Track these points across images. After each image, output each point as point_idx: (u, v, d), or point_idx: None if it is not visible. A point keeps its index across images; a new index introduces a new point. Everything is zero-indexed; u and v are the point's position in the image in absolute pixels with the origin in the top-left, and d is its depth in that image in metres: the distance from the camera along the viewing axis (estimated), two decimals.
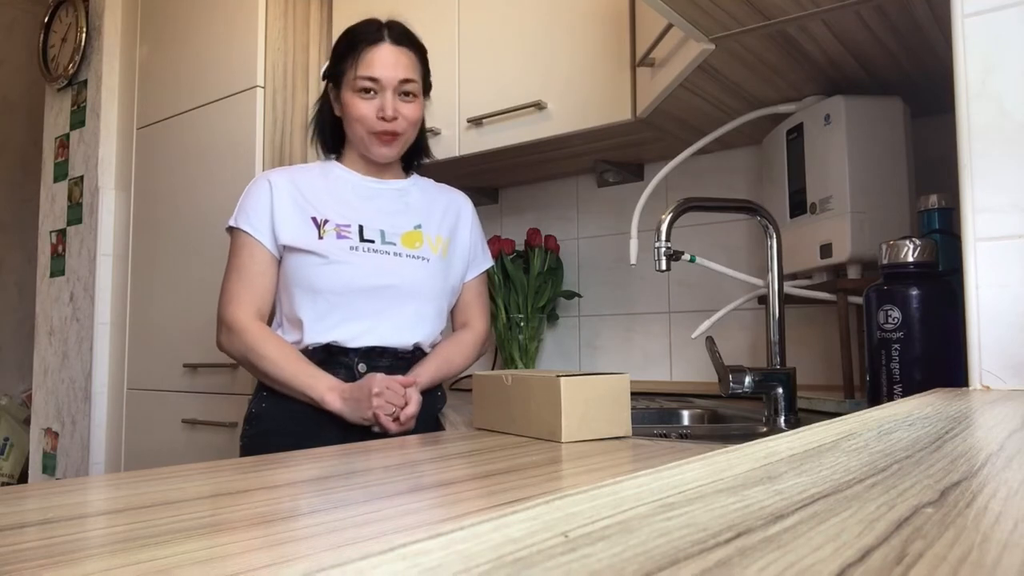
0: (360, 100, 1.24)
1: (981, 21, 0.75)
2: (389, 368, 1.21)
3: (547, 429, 0.91)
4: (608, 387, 0.92)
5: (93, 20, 2.50)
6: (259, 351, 1.18)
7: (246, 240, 1.23)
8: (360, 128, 1.26)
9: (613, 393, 0.92)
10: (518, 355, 1.87)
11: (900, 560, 0.18)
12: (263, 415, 1.22)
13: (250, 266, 1.23)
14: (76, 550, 0.43)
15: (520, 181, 2.08)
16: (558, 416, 0.88)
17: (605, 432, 0.91)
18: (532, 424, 0.93)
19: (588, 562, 0.17)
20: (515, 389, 0.96)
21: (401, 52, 1.26)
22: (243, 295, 1.22)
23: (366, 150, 1.28)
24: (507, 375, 0.98)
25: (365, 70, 1.23)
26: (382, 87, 1.24)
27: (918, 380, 0.84)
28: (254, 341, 1.18)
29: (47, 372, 2.58)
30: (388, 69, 1.24)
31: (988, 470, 0.31)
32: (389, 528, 0.47)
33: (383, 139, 1.26)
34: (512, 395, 0.97)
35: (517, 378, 0.96)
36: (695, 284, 1.77)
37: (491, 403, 1.02)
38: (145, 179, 2.35)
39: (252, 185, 1.28)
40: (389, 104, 1.24)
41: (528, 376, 0.95)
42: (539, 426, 0.92)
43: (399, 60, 1.25)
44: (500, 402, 1.00)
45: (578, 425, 0.89)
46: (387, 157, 1.28)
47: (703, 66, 1.24)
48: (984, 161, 0.74)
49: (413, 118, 1.27)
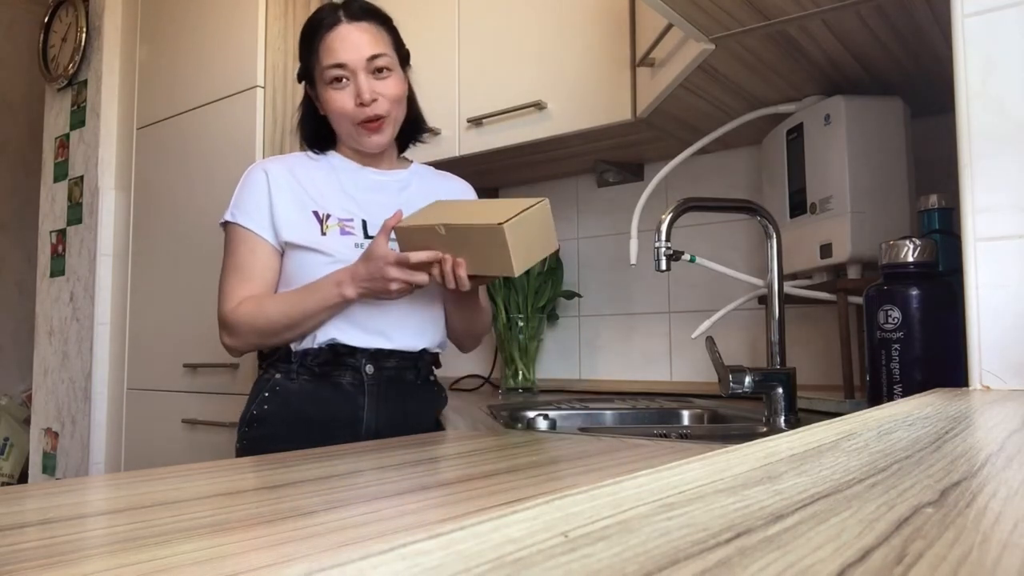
0: (334, 92, 1.17)
1: (981, 21, 0.75)
2: (396, 368, 1.19)
3: (496, 267, 1.03)
4: (537, 217, 1.03)
5: (93, 20, 2.50)
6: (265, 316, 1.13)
7: (245, 235, 1.17)
8: (344, 122, 1.19)
9: (541, 219, 1.04)
10: (518, 355, 1.87)
11: (900, 560, 0.18)
12: (266, 418, 1.16)
13: (250, 262, 1.17)
14: (76, 550, 0.43)
15: (520, 181, 2.08)
16: (507, 257, 1.00)
17: (541, 254, 1.06)
18: (473, 264, 1.05)
19: (588, 562, 0.17)
20: (451, 237, 1.05)
21: (362, 28, 1.18)
22: (241, 291, 1.16)
23: (356, 143, 1.22)
24: (439, 226, 1.05)
25: (329, 58, 1.16)
26: (352, 71, 1.16)
27: (918, 380, 0.84)
28: (250, 316, 1.14)
29: (47, 372, 2.58)
30: (351, 50, 1.15)
31: (988, 470, 0.31)
32: (389, 528, 0.47)
33: (369, 128, 1.18)
34: (447, 241, 1.05)
35: (452, 228, 1.04)
36: (695, 284, 1.77)
37: (425, 243, 1.08)
38: (145, 179, 2.35)
39: (247, 176, 1.21)
40: (364, 87, 1.16)
41: (464, 226, 1.03)
42: (483, 265, 1.04)
43: (361, 37, 1.17)
44: (432, 244, 1.07)
45: (524, 258, 1.02)
46: (379, 145, 1.21)
47: (703, 66, 1.24)
48: (984, 161, 0.74)
49: (394, 94, 1.19)
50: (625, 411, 1.37)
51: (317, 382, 1.16)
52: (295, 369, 1.16)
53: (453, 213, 1.07)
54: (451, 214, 1.07)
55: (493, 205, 1.10)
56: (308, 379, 1.16)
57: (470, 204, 1.18)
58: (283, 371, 1.17)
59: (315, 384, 1.16)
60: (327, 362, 1.16)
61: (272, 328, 1.14)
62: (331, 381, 1.16)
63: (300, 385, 1.16)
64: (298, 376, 1.16)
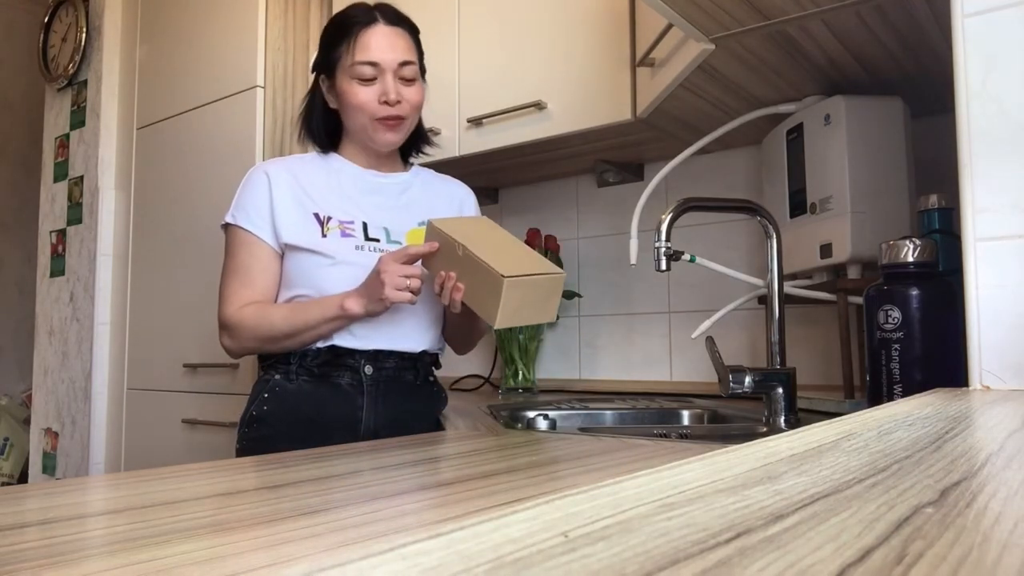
0: (360, 87, 1.18)
1: (981, 21, 0.75)
2: (395, 369, 1.19)
3: (483, 309, 1.01)
4: (545, 286, 1.00)
5: (93, 20, 2.50)
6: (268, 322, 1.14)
7: (245, 238, 1.18)
8: (362, 116, 1.19)
9: (548, 289, 1.01)
10: (518, 355, 1.87)
11: (900, 560, 0.18)
12: (265, 419, 1.17)
13: (251, 264, 1.18)
14: (76, 550, 0.43)
15: (520, 181, 2.08)
16: (495, 308, 0.97)
17: (532, 320, 1.02)
18: (469, 294, 1.03)
19: (588, 562, 0.17)
20: (465, 261, 1.03)
21: (397, 33, 1.20)
22: (243, 294, 1.17)
23: (369, 139, 1.22)
24: (460, 246, 1.04)
25: (363, 54, 1.17)
26: (382, 71, 1.18)
27: (918, 380, 0.84)
28: (254, 322, 1.15)
29: (47, 372, 2.58)
30: (386, 51, 1.18)
31: (988, 470, 0.31)
32: (389, 528, 0.47)
33: (388, 124, 1.20)
34: (460, 261, 1.04)
35: (468, 255, 1.02)
36: (695, 284, 1.77)
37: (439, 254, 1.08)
38: (145, 179, 2.35)
39: (248, 178, 1.22)
40: (392, 88, 1.18)
41: (477, 259, 1.00)
42: (476, 300, 1.02)
43: (396, 42, 1.19)
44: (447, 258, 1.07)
45: (511, 316, 0.99)
46: (391, 144, 1.23)
47: (703, 66, 1.24)
48: (984, 161, 0.74)
49: (416, 102, 1.22)
50: (625, 411, 1.37)
51: (316, 383, 1.17)
52: (294, 370, 1.17)
53: (483, 240, 1.06)
54: (480, 241, 1.05)
55: (521, 253, 1.07)
56: (307, 380, 1.17)
57: (506, 241, 1.13)
58: (282, 372, 1.18)
59: (314, 385, 1.17)
60: (326, 363, 1.16)
61: (272, 335, 1.15)
62: (330, 382, 1.16)
63: (299, 386, 1.17)
64: (297, 377, 1.17)
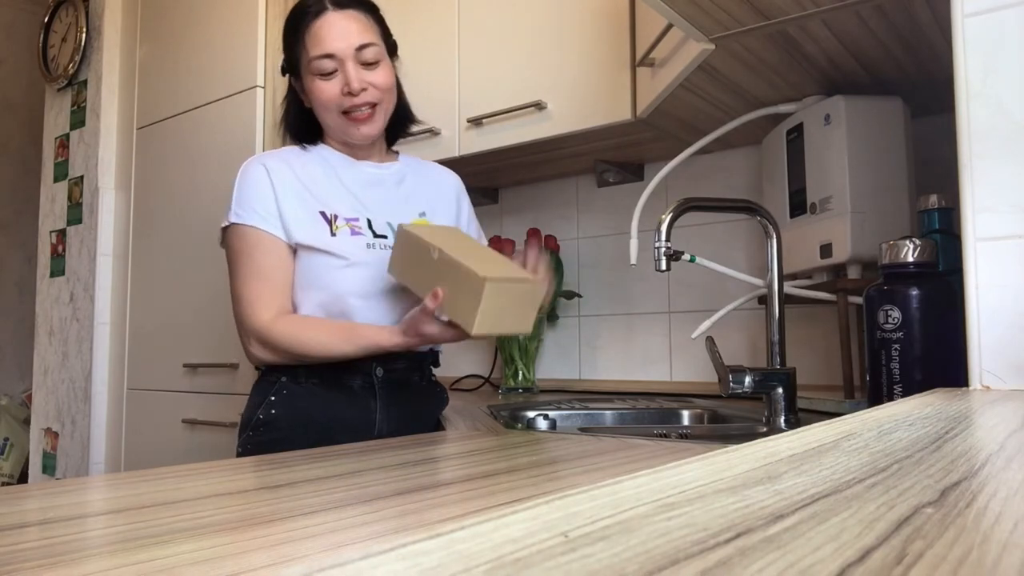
0: (321, 82, 1.13)
1: (981, 21, 0.75)
2: (406, 370, 1.18)
3: (460, 314, 0.95)
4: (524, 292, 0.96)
5: (93, 20, 2.50)
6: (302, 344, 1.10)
7: (257, 236, 1.12)
8: (330, 113, 1.15)
9: (527, 297, 0.97)
10: (518, 355, 1.87)
11: (900, 560, 0.18)
12: (273, 422, 1.12)
13: (266, 262, 1.12)
14: (76, 550, 0.43)
15: (520, 181, 2.08)
16: (473, 311, 0.92)
17: (509, 329, 0.97)
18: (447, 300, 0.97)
19: (588, 562, 0.17)
20: (440, 265, 0.99)
21: (349, 16, 1.14)
22: (266, 296, 1.11)
23: (345, 135, 1.18)
24: (435, 248, 0.99)
25: (317, 48, 1.12)
26: (340, 60, 1.12)
27: (918, 380, 0.84)
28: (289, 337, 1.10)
29: (47, 372, 2.58)
30: (339, 39, 1.12)
31: (988, 470, 0.31)
32: (389, 528, 0.47)
33: (358, 118, 1.14)
34: (435, 268, 0.99)
35: (444, 258, 0.98)
36: (695, 284, 1.77)
37: (409, 260, 1.04)
38: (145, 179, 2.35)
39: (246, 173, 1.15)
40: (353, 77, 1.12)
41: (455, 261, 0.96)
42: (452, 306, 0.97)
43: (349, 26, 1.13)
44: (418, 263, 1.02)
45: (489, 322, 0.94)
46: (368, 137, 1.17)
47: (703, 66, 1.24)
48: (984, 161, 0.74)
49: (384, 84, 1.15)
50: (625, 411, 1.37)
51: (327, 385, 1.14)
52: (302, 372, 1.13)
53: (457, 245, 1.03)
54: (454, 245, 1.02)
55: (497, 259, 1.05)
56: (317, 383, 1.14)
57: (480, 248, 1.11)
58: (289, 374, 1.14)
59: (325, 387, 1.14)
60: (337, 365, 1.12)
61: (305, 354, 1.11)
62: (341, 384, 1.14)
63: (309, 388, 1.13)
64: (307, 380, 1.14)
